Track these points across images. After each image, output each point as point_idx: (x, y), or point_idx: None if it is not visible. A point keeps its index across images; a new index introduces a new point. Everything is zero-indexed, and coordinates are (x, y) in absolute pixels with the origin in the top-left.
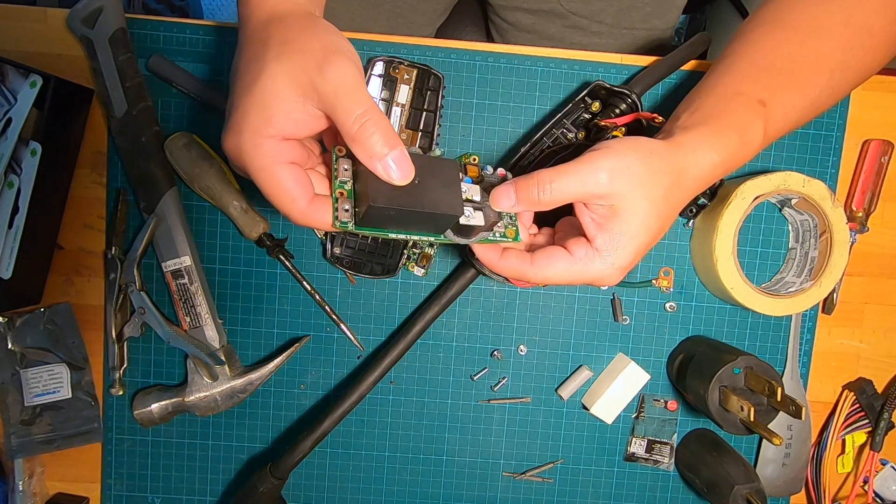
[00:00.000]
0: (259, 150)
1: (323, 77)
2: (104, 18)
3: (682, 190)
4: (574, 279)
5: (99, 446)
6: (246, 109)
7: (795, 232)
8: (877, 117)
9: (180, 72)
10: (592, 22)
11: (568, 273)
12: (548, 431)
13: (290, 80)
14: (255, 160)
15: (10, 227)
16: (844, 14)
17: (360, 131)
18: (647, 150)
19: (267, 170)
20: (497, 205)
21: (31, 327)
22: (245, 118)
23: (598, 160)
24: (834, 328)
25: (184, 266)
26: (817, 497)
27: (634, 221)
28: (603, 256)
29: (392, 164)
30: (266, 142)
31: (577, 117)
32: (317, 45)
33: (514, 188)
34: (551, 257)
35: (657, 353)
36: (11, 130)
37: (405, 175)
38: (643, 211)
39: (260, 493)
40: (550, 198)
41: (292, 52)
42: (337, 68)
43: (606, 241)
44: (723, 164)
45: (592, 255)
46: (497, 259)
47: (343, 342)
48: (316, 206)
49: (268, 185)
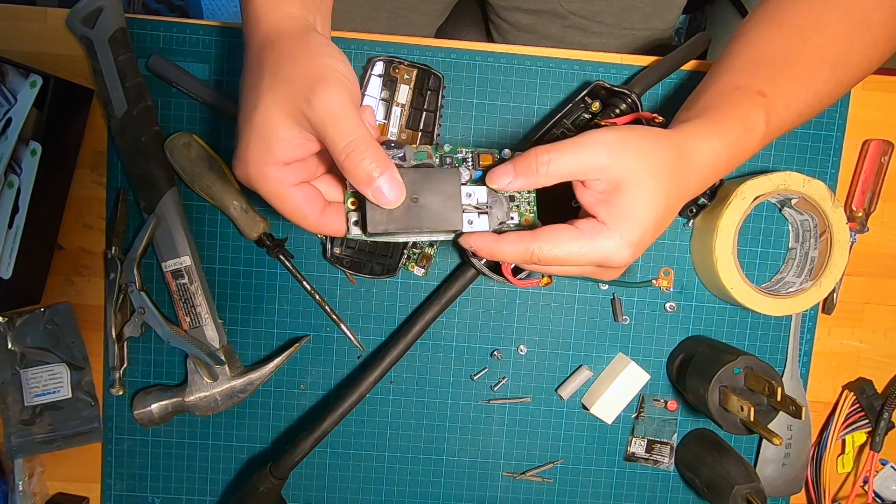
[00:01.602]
0: (265, 179)
1: (310, 108)
2: (104, 18)
3: (686, 171)
4: (582, 256)
5: (99, 446)
6: (248, 142)
7: (795, 232)
8: (877, 117)
9: (180, 72)
10: (592, 22)
11: (575, 249)
12: (548, 431)
13: (282, 112)
14: (263, 187)
15: (10, 227)
16: (842, 9)
17: (348, 161)
18: (646, 130)
19: (276, 194)
20: (495, 182)
21: (31, 327)
22: (248, 150)
23: (596, 135)
24: (834, 328)
25: (184, 266)
26: (817, 497)
27: (639, 194)
28: (610, 229)
29: (382, 189)
30: (270, 170)
31: (577, 117)
32: (303, 74)
33: (512, 164)
34: (557, 230)
35: (657, 353)
36: (11, 130)
37: (396, 198)
38: (647, 185)
39: (260, 493)
40: (549, 171)
41: (281, 83)
42: (322, 99)
43: (611, 214)
44: (726, 151)
45: (599, 228)
46: (497, 243)
47: (343, 342)
48: (328, 217)
49: (279, 207)
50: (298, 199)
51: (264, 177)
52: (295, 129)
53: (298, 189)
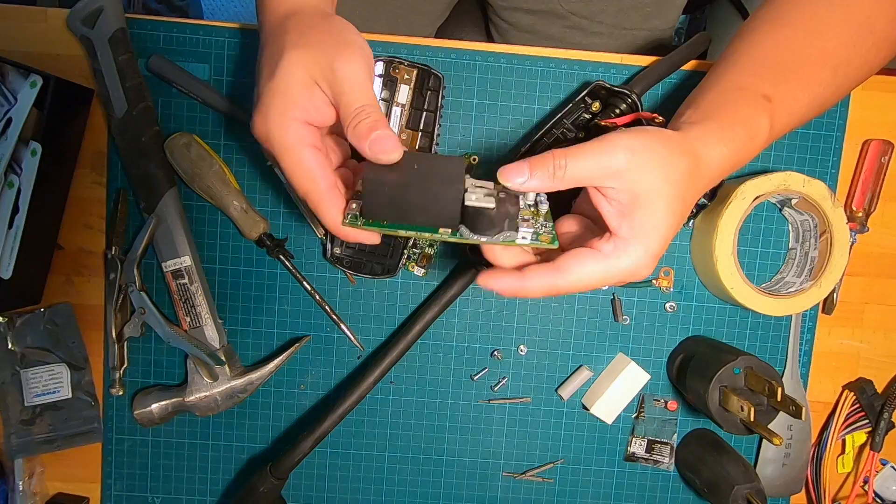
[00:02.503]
0: (285, 131)
1: (333, 72)
2: (104, 18)
3: (699, 178)
4: (608, 278)
5: (99, 446)
6: (270, 95)
7: (795, 232)
8: (877, 117)
9: (180, 72)
10: (592, 22)
11: (601, 271)
12: (548, 431)
13: (305, 69)
14: (281, 139)
15: (10, 227)
16: (845, 12)
17: (354, 119)
18: (661, 134)
19: (291, 149)
20: (508, 179)
21: (32, 327)
22: (271, 102)
23: (615, 138)
24: (834, 328)
25: (184, 266)
26: (817, 497)
27: (659, 205)
28: (633, 245)
29: (382, 139)
30: (291, 123)
31: (577, 117)
32: (330, 39)
33: (527, 163)
34: (579, 258)
35: (657, 353)
36: (11, 130)
37: (391, 149)
38: (667, 194)
39: (260, 493)
40: (566, 174)
41: (308, 44)
42: (345, 66)
43: (633, 228)
44: (731, 157)
45: (622, 246)
46: (520, 282)
47: (343, 342)
48: (335, 194)
49: (293, 165)
50: (312, 161)
51: (284, 129)
52: (315, 88)
53: (314, 152)
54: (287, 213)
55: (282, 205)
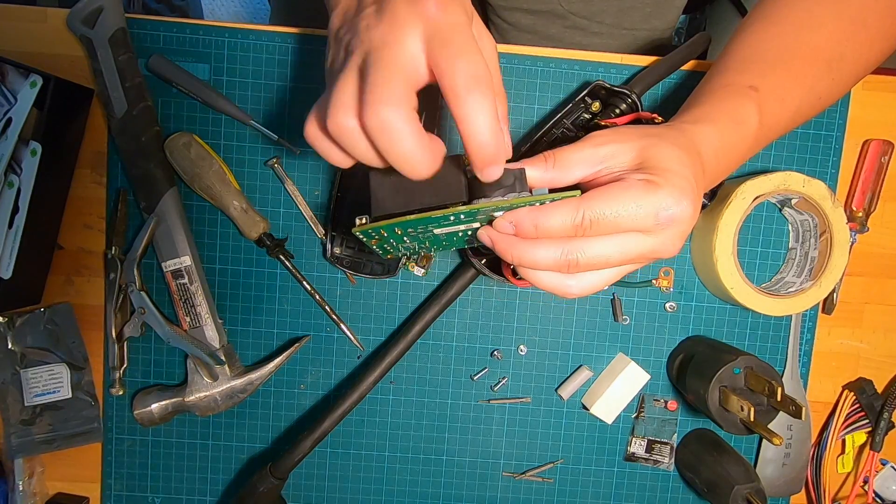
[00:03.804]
0: (402, 100)
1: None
2: (104, 18)
3: (697, 157)
4: (642, 215)
5: (99, 446)
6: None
7: (795, 232)
8: (877, 117)
9: (180, 72)
10: (592, 22)
11: (633, 206)
12: (548, 431)
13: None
14: (400, 104)
15: (10, 227)
16: (836, 8)
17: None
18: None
19: (411, 119)
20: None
21: (32, 327)
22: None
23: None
24: (834, 328)
25: (184, 266)
26: (817, 497)
27: (667, 149)
28: (660, 178)
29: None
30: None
31: (577, 117)
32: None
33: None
34: (607, 188)
35: (657, 353)
36: (11, 130)
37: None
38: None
39: (260, 493)
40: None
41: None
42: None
43: (651, 168)
44: (721, 142)
45: (650, 178)
46: (538, 212)
47: (343, 342)
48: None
49: (407, 132)
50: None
51: (401, 98)
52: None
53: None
54: (287, 213)
55: (282, 205)
